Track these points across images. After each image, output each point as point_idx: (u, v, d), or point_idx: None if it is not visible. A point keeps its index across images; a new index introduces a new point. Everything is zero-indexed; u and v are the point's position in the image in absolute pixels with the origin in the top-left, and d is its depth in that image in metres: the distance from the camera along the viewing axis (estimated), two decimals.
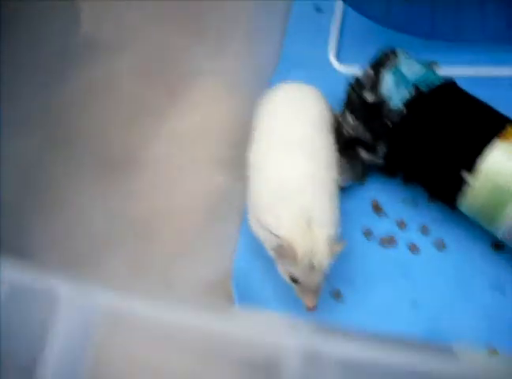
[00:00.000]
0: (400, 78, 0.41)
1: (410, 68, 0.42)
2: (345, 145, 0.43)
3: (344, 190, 0.46)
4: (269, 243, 0.38)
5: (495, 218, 0.39)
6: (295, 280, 0.37)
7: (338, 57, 0.52)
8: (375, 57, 0.43)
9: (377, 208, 0.45)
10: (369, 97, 0.41)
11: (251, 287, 0.44)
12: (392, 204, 0.45)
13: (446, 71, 0.49)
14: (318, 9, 0.54)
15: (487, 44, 0.50)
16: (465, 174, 0.39)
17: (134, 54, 0.52)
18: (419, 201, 0.45)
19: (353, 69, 0.50)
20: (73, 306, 0.25)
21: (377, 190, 0.46)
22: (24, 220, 0.41)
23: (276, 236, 0.36)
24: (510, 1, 0.50)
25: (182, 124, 0.50)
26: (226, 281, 0.43)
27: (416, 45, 0.51)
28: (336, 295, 0.42)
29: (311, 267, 0.36)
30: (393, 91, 0.41)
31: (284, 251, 0.36)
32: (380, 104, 0.41)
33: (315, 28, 0.54)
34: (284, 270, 0.38)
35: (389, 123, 0.41)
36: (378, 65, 0.42)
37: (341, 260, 0.43)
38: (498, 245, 0.42)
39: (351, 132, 0.43)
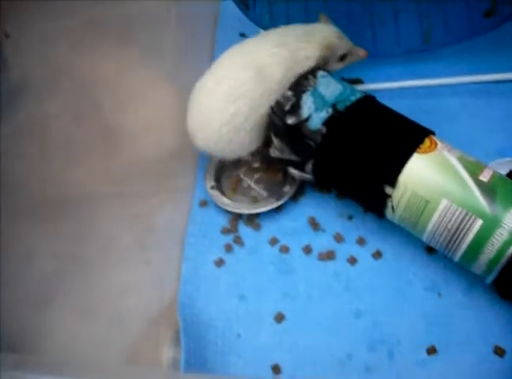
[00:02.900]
0: (319, 98, 0.43)
1: (328, 87, 0.43)
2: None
3: (280, 209, 0.48)
4: None
5: (417, 224, 0.40)
6: (344, 56, 0.47)
7: None
8: (295, 79, 0.44)
9: (314, 225, 0.47)
10: (289, 120, 0.43)
11: (196, 313, 0.44)
12: (328, 219, 0.47)
13: (369, 86, 0.52)
14: (243, 35, 0.56)
15: (404, 57, 0.53)
16: (387, 188, 0.40)
17: (65, 92, 0.53)
18: (355, 214, 0.47)
19: None
20: None
21: (312, 207, 0.48)
22: None
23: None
24: (421, 13, 0.52)
25: (119, 159, 0.51)
26: (172, 310, 0.44)
27: None
28: (278, 318, 0.43)
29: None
30: (313, 111, 0.42)
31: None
32: (301, 126, 0.42)
33: None
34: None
35: (311, 143, 0.42)
36: (297, 87, 0.43)
37: (283, 278, 0.45)
38: (430, 249, 0.44)
39: (278, 153, 0.44)
